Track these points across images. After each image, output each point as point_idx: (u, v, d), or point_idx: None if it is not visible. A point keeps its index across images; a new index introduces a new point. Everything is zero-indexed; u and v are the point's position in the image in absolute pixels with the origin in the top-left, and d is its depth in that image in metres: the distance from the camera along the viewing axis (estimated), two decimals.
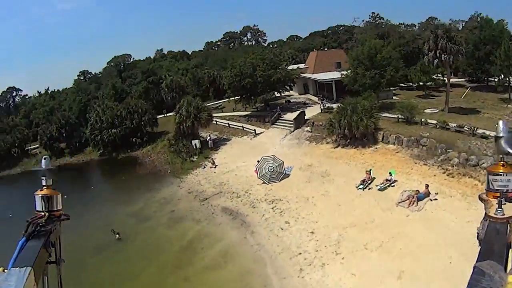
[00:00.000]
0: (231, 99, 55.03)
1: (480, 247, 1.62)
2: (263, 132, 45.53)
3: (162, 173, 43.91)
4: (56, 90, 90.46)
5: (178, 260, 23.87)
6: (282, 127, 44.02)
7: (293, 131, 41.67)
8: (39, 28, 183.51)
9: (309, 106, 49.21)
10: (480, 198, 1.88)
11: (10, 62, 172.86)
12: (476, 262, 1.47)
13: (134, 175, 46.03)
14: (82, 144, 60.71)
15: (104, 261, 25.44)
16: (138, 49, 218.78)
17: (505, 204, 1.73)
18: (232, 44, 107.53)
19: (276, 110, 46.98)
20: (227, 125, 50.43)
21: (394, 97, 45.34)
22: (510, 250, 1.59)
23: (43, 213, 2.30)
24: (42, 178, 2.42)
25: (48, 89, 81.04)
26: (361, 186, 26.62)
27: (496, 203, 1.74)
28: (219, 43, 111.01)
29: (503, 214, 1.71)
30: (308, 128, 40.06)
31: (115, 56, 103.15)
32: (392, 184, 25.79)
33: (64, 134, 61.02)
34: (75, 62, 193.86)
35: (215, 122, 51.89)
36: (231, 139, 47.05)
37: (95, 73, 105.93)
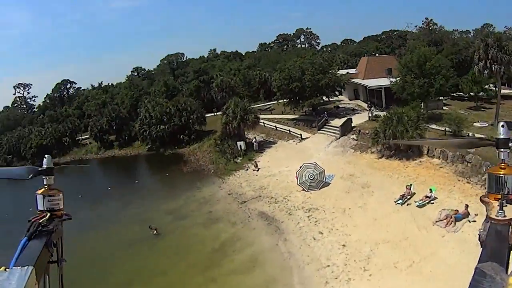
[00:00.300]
0: (280, 101, 54.76)
1: (481, 248, 1.64)
2: (309, 137, 44.98)
3: (206, 172, 44.65)
4: (110, 84, 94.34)
5: (208, 261, 24.16)
6: (328, 133, 43.26)
7: (339, 138, 40.82)
8: (97, 25, 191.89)
9: (358, 113, 47.90)
10: (482, 200, 1.89)
11: (69, 56, 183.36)
12: (478, 263, 1.48)
13: (178, 172, 47.01)
14: (131, 138, 63.03)
15: (136, 255, 26.23)
16: (191, 48, 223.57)
17: (506, 206, 1.74)
18: (285, 46, 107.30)
19: (323, 116, 46.30)
20: (274, 127, 50.19)
21: (444, 107, 43.12)
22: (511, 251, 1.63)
23: (44, 213, 2.27)
24: (43, 177, 2.37)
25: (101, 83, 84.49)
26: (399, 201, 25.64)
27: (498, 205, 1.75)
28: (272, 44, 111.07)
29: (505, 216, 1.72)
30: (354, 136, 39.12)
31: (168, 54, 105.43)
32: (432, 201, 24.55)
33: (114, 127, 63.61)
34: (129, 59, 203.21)
35: (262, 124, 51.56)
36: (277, 142, 46.85)
37: (148, 69, 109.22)
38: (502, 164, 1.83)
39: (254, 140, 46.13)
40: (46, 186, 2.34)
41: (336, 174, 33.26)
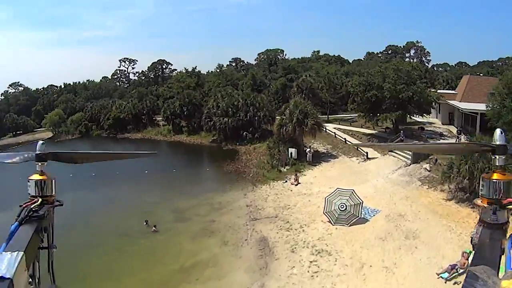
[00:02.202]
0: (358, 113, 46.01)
1: (474, 252, 1.58)
2: (376, 157, 35.87)
3: (244, 175, 38.35)
4: (199, 71, 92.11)
5: (166, 279, 20.47)
6: (399, 156, 33.66)
7: (409, 164, 31.19)
8: (213, 18, 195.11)
9: (445, 139, 37.31)
10: (475, 204, 1.80)
11: (181, 42, 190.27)
12: (470, 266, 1.43)
13: (219, 170, 42.83)
14: (200, 126, 59.38)
15: (116, 249, 23.86)
16: (297, 48, 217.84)
17: (499, 210, 1.66)
18: (393, 58, 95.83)
19: (399, 135, 36.48)
20: (344, 140, 42.00)
21: None
22: (503, 255, 1.53)
23: (36, 198, 2.11)
24: (36, 162, 2.15)
25: (195, 67, 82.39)
26: (445, 275, 15.97)
27: (491, 209, 1.67)
28: (380, 55, 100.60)
29: (497, 221, 1.65)
30: (427, 166, 29.03)
31: (267, 49, 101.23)
32: None
33: (185, 112, 60.54)
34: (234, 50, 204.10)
35: (333, 134, 45.02)
36: (338, 157, 38.93)
37: (247, 62, 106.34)
38: (498, 170, 1.76)
39: (308, 150, 38.21)
40: (38, 172, 2.21)
41: (382, 211, 24.35)
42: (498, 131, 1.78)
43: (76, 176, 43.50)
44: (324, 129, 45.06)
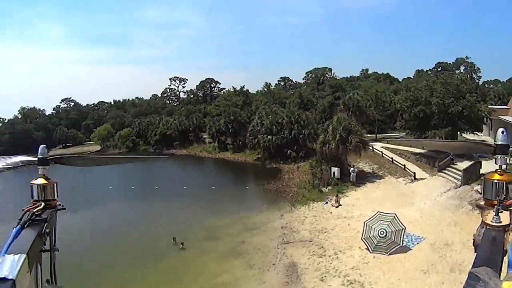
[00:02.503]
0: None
1: (476, 253, 1.61)
2: (424, 178, 33.24)
3: (284, 195, 36.88)
4: (254, 91, 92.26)
5: None
6: (449, 177, 30.75)
7: (459, 186, 28.29)
8: (266, 36, 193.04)
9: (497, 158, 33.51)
10: (477, 206, 1.87)
11: (235, 63, 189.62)
12: (472, 268, 1.43)
13: (259, 189, 41.80)
14: (244, 144, 58.98)
15: (140, 264, 23.02)
16: (345, 66, 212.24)
17: (501, 212, 1.70)
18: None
19: (448, 154, 33.39)
20: (391, 159, 39.40)
21: None
22: (505, 257, 1.54)
23: (39, 202, 2.17)
24: (38, 167, 2.26)
25: (243, 86, 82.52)
26: None
27: (493, 211, 1.72)
28: (429, 72, 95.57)
29: (500, 222, 1.69)
30: (479, 188, 26.06)
31: (315, 68, 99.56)
32: None
33: (230, 130, 60.34)
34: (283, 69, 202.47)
35: (380, 153, 42.36)
36: (384, 178, 36.70)
37: (295, 81, 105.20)
38: (499, 170, 1.82)
39: (352, 169, 36.04)
40: (41, 176, 2.29)
41: (427, 238, 21.86)
42: (500, 130, 1.81)
43: (116, 188, 44.42)
44: (371, 148, 42.64)
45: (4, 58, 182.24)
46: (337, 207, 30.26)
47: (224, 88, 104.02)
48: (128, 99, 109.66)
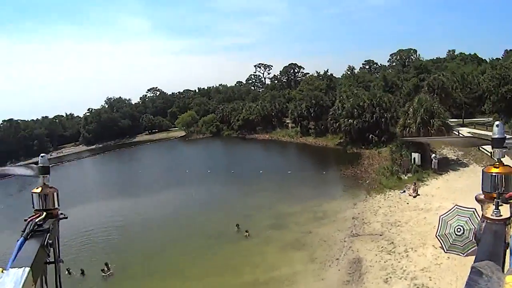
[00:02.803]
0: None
1: (477, 248, 1.57)
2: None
3: (361, 181, 35.01)
4: (339, 75, 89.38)
5: None
6: None
7: None
8: (351, 21, 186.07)
9: None
10: (477, 199, 1.81)
11: (320, 48, 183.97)
12: (474, 262, 1.41)
13: (336, 174, 40.36)
14: (326, 129, 57.03)
15: (202, 250, 23.52)
16: (431, 48, 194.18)
17: (502, 205, 1.66)
18: None
19: None
20: (477, 147, 35.43)
21: None
22: (507, 250, 1.52)
23: (40, 212, 2.10)
24: (39, 176, 2.17)
25: (327, 70, 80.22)
26: None
27: (493, 204, 1.68)
28: None
29: (500, 215, 1.64)
30: None
31: (399, 49, 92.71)
32: None
33: (312, 114, 58.89)
34: (368, 53, 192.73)
35: None
36: (469, 166, 33.27)
37: (380, 64, 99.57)
38: (497, 163, 1.79)
39: (434, 155, 32.95)
40: (42, 185, 2.21)
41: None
42: (495, 123, 1.79)
43: (192, 170, 46.05)
44: (457, 133, 38.71)
45: (94, 53, 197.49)
46: (414, 196, 27.96)
47: (308, 73, 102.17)
48: (213, 86, 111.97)
